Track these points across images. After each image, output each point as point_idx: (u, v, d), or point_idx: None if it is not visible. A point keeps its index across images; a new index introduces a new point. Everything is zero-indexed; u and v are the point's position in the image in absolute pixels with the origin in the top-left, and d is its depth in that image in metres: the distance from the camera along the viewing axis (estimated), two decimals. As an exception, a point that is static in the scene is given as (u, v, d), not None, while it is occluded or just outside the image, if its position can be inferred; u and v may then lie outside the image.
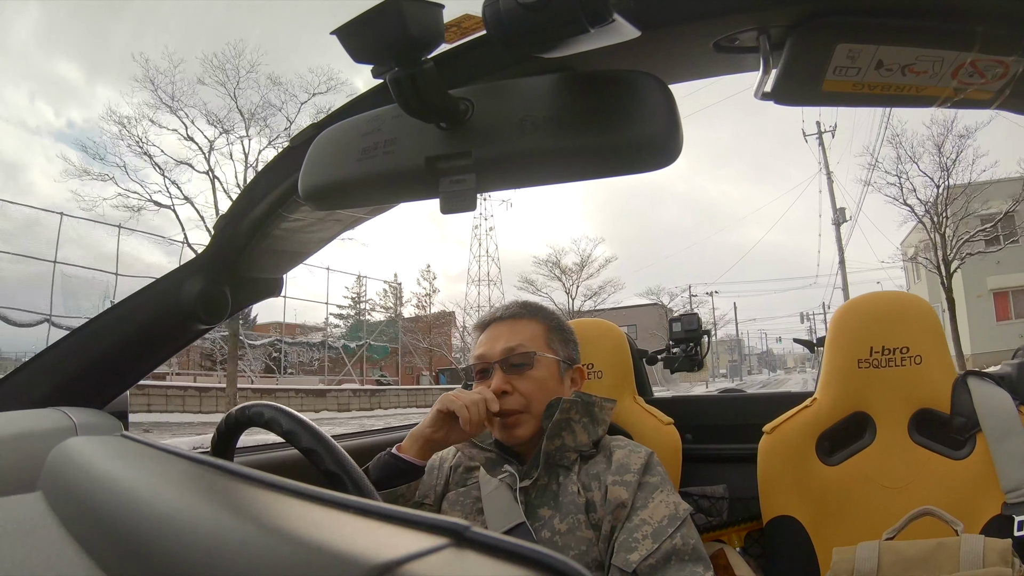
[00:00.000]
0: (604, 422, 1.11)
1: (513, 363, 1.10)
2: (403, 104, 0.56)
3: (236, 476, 0.44)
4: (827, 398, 1.29)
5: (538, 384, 1.10)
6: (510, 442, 1.09)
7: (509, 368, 1.10)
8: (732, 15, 0.61)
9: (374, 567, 0.24)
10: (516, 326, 1.15)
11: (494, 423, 1.09)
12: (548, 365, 1.13)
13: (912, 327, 1.25)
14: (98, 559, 0.38)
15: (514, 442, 1.09)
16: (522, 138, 0.57)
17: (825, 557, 1.18)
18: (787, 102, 0.65)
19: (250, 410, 0.80)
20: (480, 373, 1.13)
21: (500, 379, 1.09)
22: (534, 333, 1.15)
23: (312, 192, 0.67)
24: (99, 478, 0.47)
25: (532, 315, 1.18)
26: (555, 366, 1.14)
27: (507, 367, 1.10)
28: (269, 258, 1.07)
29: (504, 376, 1.09)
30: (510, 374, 1.10)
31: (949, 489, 1.17)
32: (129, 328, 1.00)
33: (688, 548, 0.95)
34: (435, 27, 0.51)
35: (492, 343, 1.13)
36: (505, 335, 1.14)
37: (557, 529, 0.99)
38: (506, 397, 1.08)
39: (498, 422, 1.08)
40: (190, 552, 0.31)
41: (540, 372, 1.11)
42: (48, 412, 0.90)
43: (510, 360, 1.10)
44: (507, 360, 1.10)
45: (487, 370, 1.12)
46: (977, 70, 0.59)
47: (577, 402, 1.08)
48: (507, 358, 1.11)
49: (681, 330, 1.89)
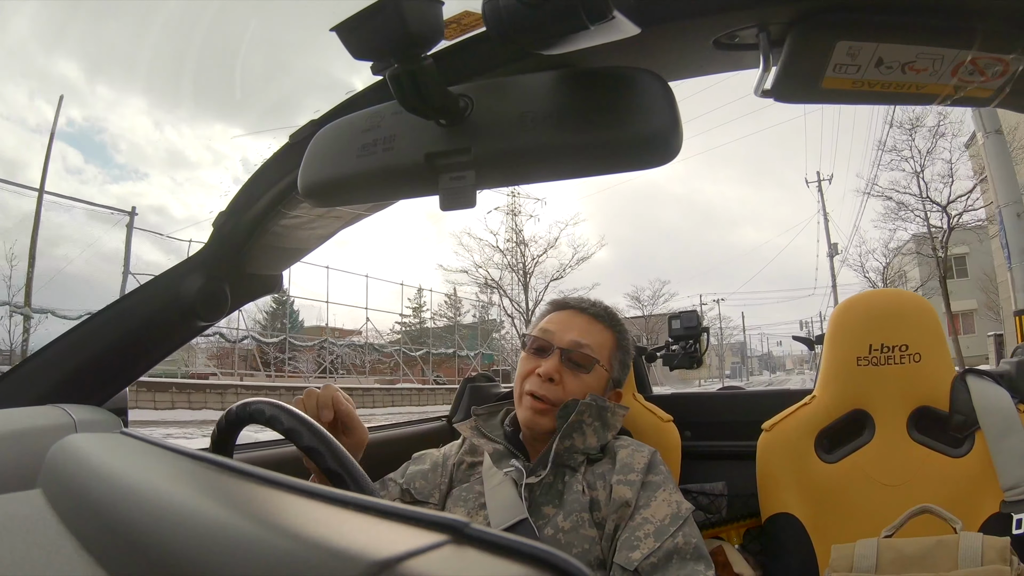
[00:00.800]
0: (614, 428, 1.10)
1: (574, 359, 1.09)
2: (403, 101, 0.56)
3: (235, 473, 0.44)
4: (826, 395, 1.29)
5: (585, 390, 1.09)
6: (531, 426, 1.08)
7: (568, 361, 1.09)
8: (732, 12, 0.61)
9: (374, 563, 0.24)
10: (592, 326, 1.14)
11: (523, 401, 1.08)
12: (601, 378, 1.12)
13: (911, 325, 1.25)
14: (97, 556, 0.38)
15: (533, 427, 1.07)
16: (522, 135, 0.57)
17: (824, 554, 1.19)
18: (787, 99, 0.65)
19: (251, 407, 0.79)
20: (536, 350, 1.12)
21: (554, 365, 1.08)
22: (604, 342, 1.14)
23: (311, 188, 0.67)
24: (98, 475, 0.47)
25: (610, 325, 1.17)
26: (605, 382, 1.13)
27: (566, 359, 1.09)
28: (269, 255, 1.07)
29: (559, 365, 1.08)
30: (566, 366, 1.09)
31: (948, 487, 1.17)
32: (129, 325, 1.00)
33: (690, 547, 0.95)
34: (435, 24, 0.51)
35: (563, 328, 1.12)
36: (579, 328, 1.13)
37: (560, 527, 0.99)
38: (551, 385, 1.07)
39: (528, 402, 1.07)
40: (189, 548, 0.31)
41: (592, 380, 1.10)
42: (47, 409, 0.90)
43: (572, 355, 1.10)
44: (570, 352, 1.10)
45: (546, 349, 1.11)
46: (977, 68, 0.59)
47: (592, 405, 1.07)
48: (571, 350, 1.10)
49: (680, 327, 1.88)
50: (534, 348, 1.12)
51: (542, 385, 1.07)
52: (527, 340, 1.15)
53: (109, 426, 0.92)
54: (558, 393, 1.07)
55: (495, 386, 1.79)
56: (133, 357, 1.02)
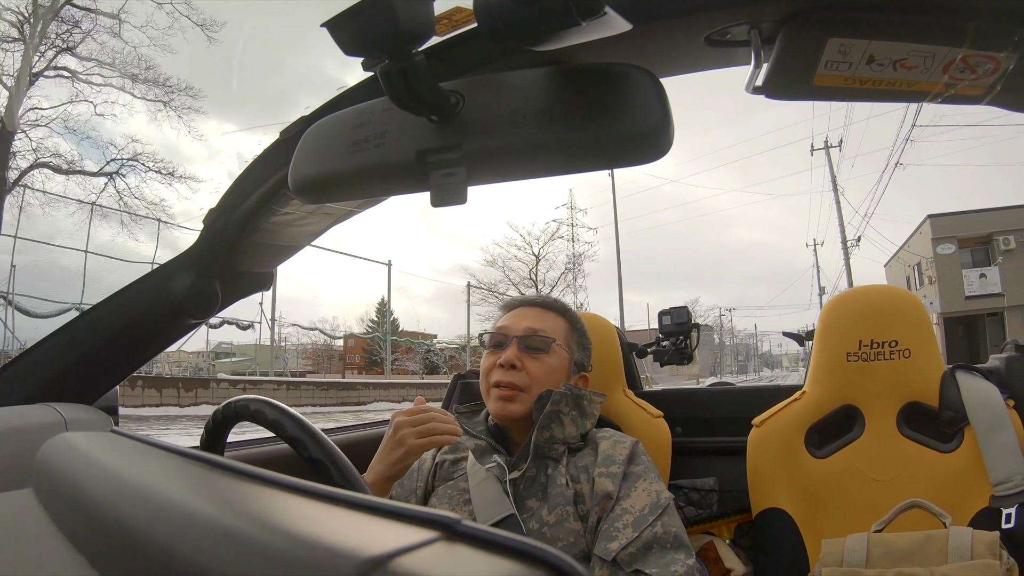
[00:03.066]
0: (592, 416, 1.12)
1: (531, 344, 1.12)
2: (394, 97, 0.55)
3: (226, 471, 0.44)
4: (816, 391, 1.30)
5: (547, 370, 1.11)
6: (502, 415, 1.10)
7: (526, 347, 1.12)
8: (724, 9, 0.61)
9: (365, 561, 0.24)
10: (544, 315, 1.18)
11: (491, 394, 1.11)
12: (562, 359, 1.14)
13: (901, 321, 1.26)
14: (88, 555, 0.38)
15: (505, 416, 1.09)
16: (513, 131, 0.57)
17: (814, 549, 1.19)
18: (778, 96, 0.66)
19: (236, 404, 0.79)
20: (495, 344, 1.15)
21: (514, 352, 1.11)
22: (558, 327, 1.17)
23: (302, 185, 0.67)
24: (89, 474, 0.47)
25: (561, 312, 1.21)
26: (567, 363, 1.16)
27: (524, 345, 1.12)
28: (259, 252, 1.07)
29: (518, 352, 1.11)
30: (524, 352, 1.12)
31: (938, 482, 1.18)
32: (119, 323, 0.99)
33: (669, 536, 0.95)
34: (426, 20, 0.50)
35: (516, 320, 1.16)
36: (531, 318, 1.16)
37: (545, 520, 0.99)
38: (513, 371, 1.09)
39: (495, 393, 1.09)
40: (181, 547, 0.31)
41: (552, 361, 1.13)
42: (37, 408, 0.89)
43: (529, 340, 1.13)
44: (526, 338, 1.13)
45: (503, 343, 1.13)
46: (968, 66, 0.60)
47: (567, 395, 1.08)
48: (527, 336, 1.13)
49: (671, 323, 1.89)
50: (493, 344, 1.15)
51: (505, 373, 1.10)
52: (486, 338, 1.18)
53: (100, 424, 0.91)
54: (522, 378, 1.09)
55: None
56: (123, 355, 1.02)
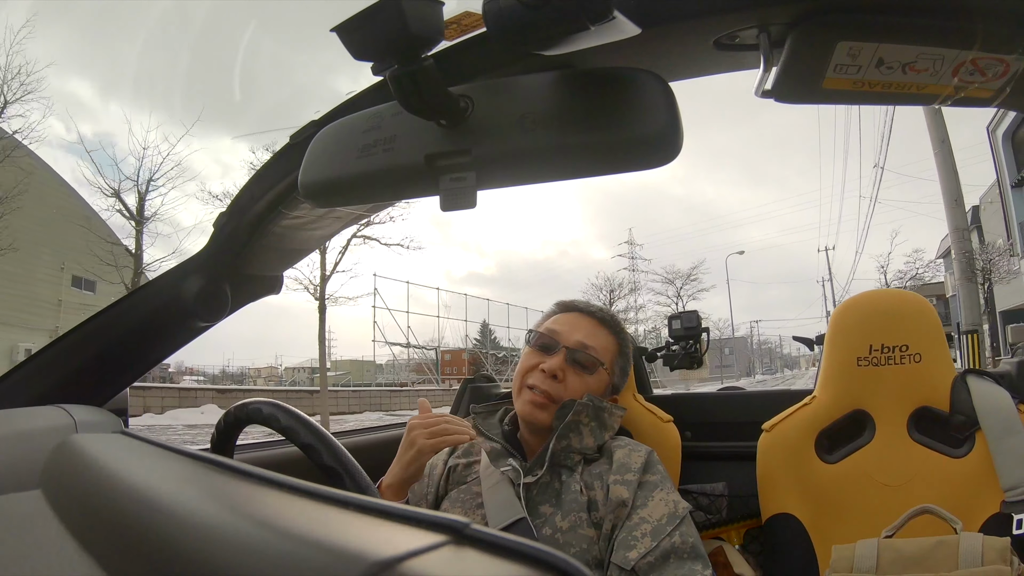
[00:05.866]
0: (612, 428, 1.11)
1: (579, 359, 1.10)
2: (403, 101, 0.56)
3: (236, 473, 0.44)
4: (826, 396, 1.29)
5: (586, 391, 1.09)
6: (528, 419, 1.08)
7: (572, 360, 1.10)
8: (732, 13, 0.61)
9: (374, 564, 0.24)
10: (598, 330, 1.16)
11: (522, 394, 1.09)
12: (602, 381, 1.13)
13: (912, 325, 1.25)
14: (98, 556, 0.38)
15: (531, 420, 1.08)
16: (522, 135, 0.57)
17: (824, 555, 1.19)
18: (787, 100, 0.65)
19: (249, 407, 0.79)
20: (541, 347, 1.13)
21: (559, 363, 1.09)
22: (608, 346, 1.15)
23: (312, 189, 0.67)
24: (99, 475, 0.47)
25: (615, 330, 1.18)
26: (606, 386, 1.14)
27: (571, 358, 1.10)
28: (269, 255, 1.07)
29: (563, 363, 1.09)
30: (570, 365, 1.10)
31: (948, 487, 1.17)
32: (129, 325, 1.00)
33: (687, 546, 0.95)
34: (435, 24, 0.51)
35: (570, 328, 1.13)
36: (585, 330, 1.14)
37: (559, 527, 0.99)
38: (553, 381, 1.08)
39: (528, 395, 1.08)
40: (190, 549, 0.31)
41: (594, 382, 1.11)
42: (48, 410, 0.90)
43: (578, 355, 1.11)
44: (575, 352, 1.11)
45: (551, 347, 1.11)
46: (978, 68, 0.59)
47: (589, 405, 1.07)
48: (577, 350, 1.11)
49: (681, 327, 1.88)
50: (539, 344, 1.13)
51: (545, 380, 1.08)
52: (532, 336, 1.15)
53: (110, 427, 0.92)
54: (559, 390, 1.07)
55: (495, 386, 1.80)
56: (134, 357, 1.02)
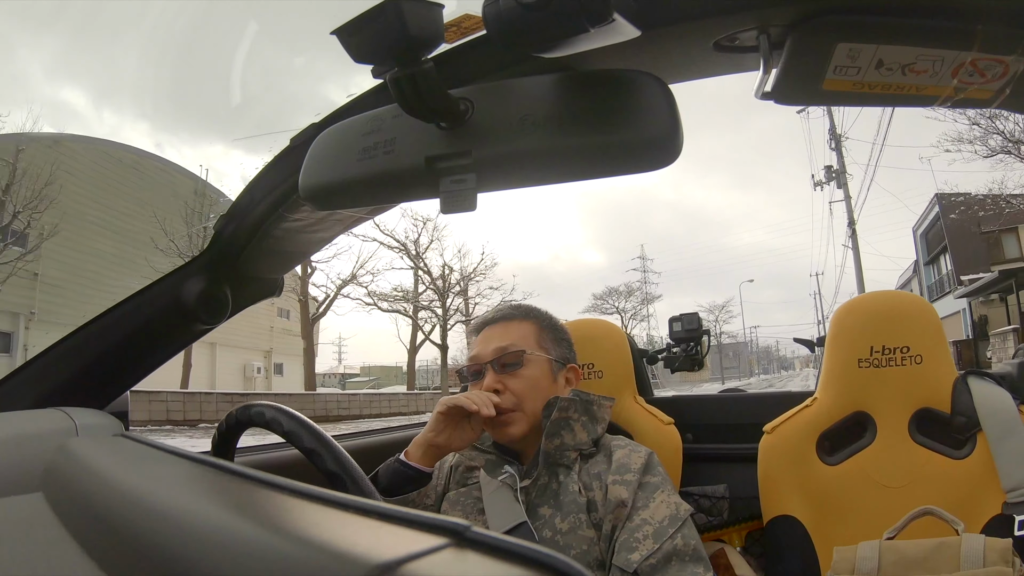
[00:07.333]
0: (603, 420, 1.12)
1: (504, 363, 1.11)
2: (403, 104, 0.56)
3: (237, 476, 0.44)
4: (828, 398, 1.29)
5: (530, 383, 1.10)
6: (503, 440, 1.10)
7: (501, 368, 1.11)
8: (732, 15, 0.61)
9: (375, 566, 0.24)
10: (508, 327, 1.16)
11: (488, 425, 1.09)
12: (540, 364, 1.13)
13: (912, 327, 1.25)
14: (99, 559, 0.38)
15: (507, 440, 1.09)
16: (522, 138, 0.57)
17: (826, 556, 1.18)
18: (787, 101, 0.65)
19: (251, 410, 0.79)
20: (474, 375, 1.14)
21: (492, 378, 1.10)
22: (525, 333, 1.16)
23: (312, 192, 0.67)
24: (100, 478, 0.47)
25: (523, 316, 1.19)
26: (547, 365, 1.14)
27: (499, 367, 1.11)
28: (270, 258, 1.07)
29: (496, 376, 1.10)
30: (502, 374, 1.10)
31: (950, 488, 1.17)
32: (130, 328, 1.00)
33: (689, 549, 0.95)
34: (435, 27, 0.51)
35: (485, 344, 1.14)
36: (497, 336, 1.15)
37: (558, 528, 0.99)
38: (498, 396, 1.08)
39: (490, 421, 1.08)
40: (191, 551, 0.31)
41: (531, 371, 1.11)
42: (49, 412, 0.90)
43: (501, 360, 1.11)
44: (499, 360, 1.11)
45: (480, 371, 1.13)
46: (977, 69, 0.59)
47: (575, 400, 1.08)
48: (498, 358, 1.11)
49: (681, 329, 1.88)
50: (471, 374, 1.15)
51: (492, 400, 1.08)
52: (464, 373, 1.17)
53: (110, 429, 0.92)
54: (509, 399, 1.08)
55: None
56: (134, 360, 1.02)
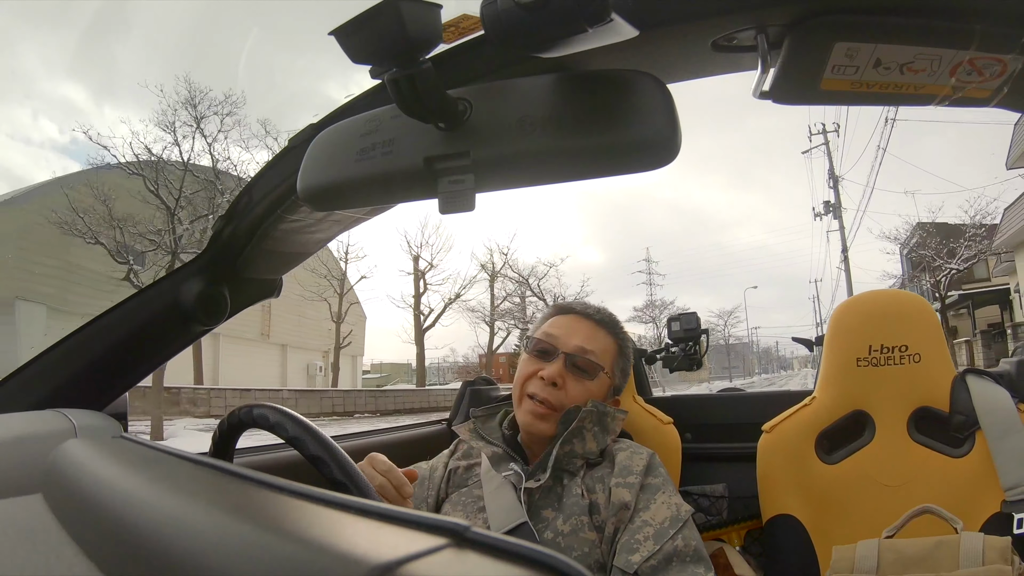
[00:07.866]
0: (614, 432, 1.10)
1: (578, 365, 1.09)
2: (401, 104, 0.56)
3: (236, 477, 0.44)
4: (826, 397, 1.29)
5: (587, 396, 1.08)
6: (530, 430, 1.07)
7: (572, 366, 1.09)
8: (730, 14, 0.61)
9: (374, 567, 0.24)
10: (596, 332, 1.14)
11: (523, 404, 1.08)
12: (604, 385, 1.12)
13: (911, 325, 1.25)
14: (98, 561, 0.38)
15: (532, 431, 1.07)
16: (521, 138, 0.57)
17: (825, 555, 1.18)
18: (785, 101, 0.65)
19: (255, 412, 0.78)
20: (540, 352, 1.11)
21: (559, 369, 1.07)
22: (608, 347, 1.14)
23: (310, 192, 0.67)
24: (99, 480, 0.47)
25: (614, 331, 1.17)
26: (607, 389, 1.13)
27: (571, 364, 1.09)
28: (268, 259, 1.07)
29: (563, 370, 1.07)
30: (570, 371, 1.08)
31: (949, 487, 1.17)
32: (129, 329, 1.00)
33: (690, 549, 0.95)
34: (433, 27, 0.51)
35: (569, 333, 1.11)
36: (584, 333, 1.12)
37: (560, 530, 0.99)
38: (553, 389, 1.06)
39: (529, 405, 1.06)
40: (190, 553, 0.31)
41: (595, 387, 1.10)
42: (47, 414, 0.89)
43: (577, 360, 1.09)
44: (575, 358, 1.09)
45: (550, 353, 1.10)
46: (975, 68, 0.60)
47: (593, 412, 1.07)
48: (576, 356, 1.09)
49: (680, 329, 1.88)
50: (537, 351, 1.11)
51: (544, 388, 1.06)
52: (530, 342, 1.14)
53: (109, 431, 0.92)
54: (560, 398, 1.06)
55: (495, 389, 1.79)
56: (133, 362, 1.02)
